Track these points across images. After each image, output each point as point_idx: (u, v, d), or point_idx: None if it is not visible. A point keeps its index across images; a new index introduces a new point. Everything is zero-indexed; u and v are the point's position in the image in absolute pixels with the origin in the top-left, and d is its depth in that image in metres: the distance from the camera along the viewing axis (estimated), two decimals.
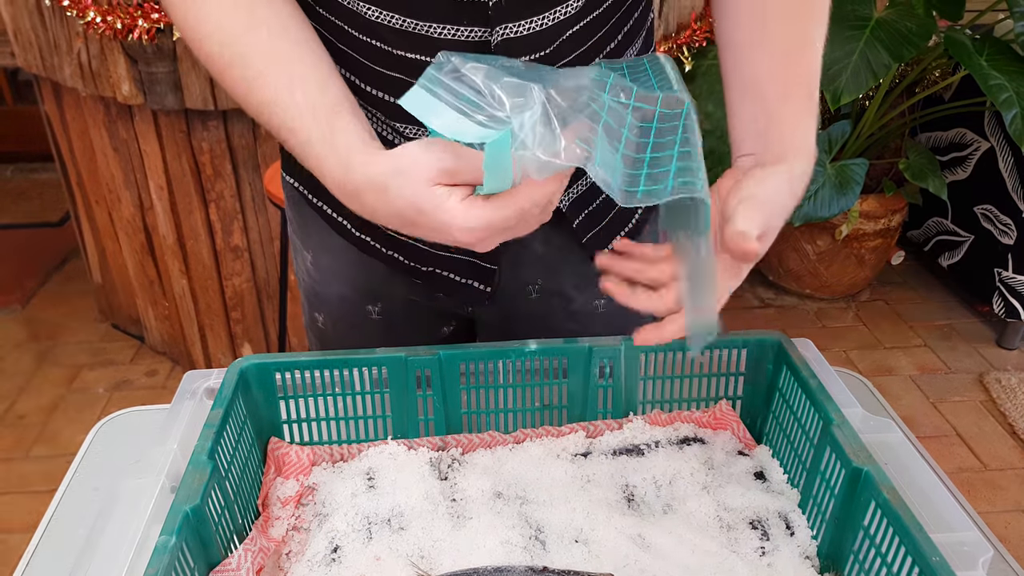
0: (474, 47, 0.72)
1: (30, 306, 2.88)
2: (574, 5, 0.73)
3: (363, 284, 0.94)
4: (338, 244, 0.91)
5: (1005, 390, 2.44)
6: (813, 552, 0.71)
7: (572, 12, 0.73)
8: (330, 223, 0.90)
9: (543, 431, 0.82)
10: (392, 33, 0.72)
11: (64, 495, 0.86)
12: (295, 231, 0.97)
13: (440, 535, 0.70)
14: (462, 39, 0.72)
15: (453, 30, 0.71)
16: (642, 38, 0.87)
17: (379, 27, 0.72)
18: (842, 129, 2.47)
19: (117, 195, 2.28)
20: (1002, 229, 2.57)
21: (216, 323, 2.37)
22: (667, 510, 0.74)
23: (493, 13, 0.70)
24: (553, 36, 0.74)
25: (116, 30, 1.83)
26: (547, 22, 0.73)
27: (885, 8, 2.26)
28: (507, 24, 0.71)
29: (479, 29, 0.71)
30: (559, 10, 0.72)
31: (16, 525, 2.03)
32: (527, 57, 0.74)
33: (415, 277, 0.90)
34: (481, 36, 0.72)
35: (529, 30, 0.72)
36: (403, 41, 0.72)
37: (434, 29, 0.71)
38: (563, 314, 0.94)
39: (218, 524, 0.66)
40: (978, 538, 0.63)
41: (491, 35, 0.72)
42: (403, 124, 0.79)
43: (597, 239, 0.89)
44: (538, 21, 0.72)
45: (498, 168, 0.58)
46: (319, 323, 1.00)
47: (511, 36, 0.72)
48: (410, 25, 0.71)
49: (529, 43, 0.73)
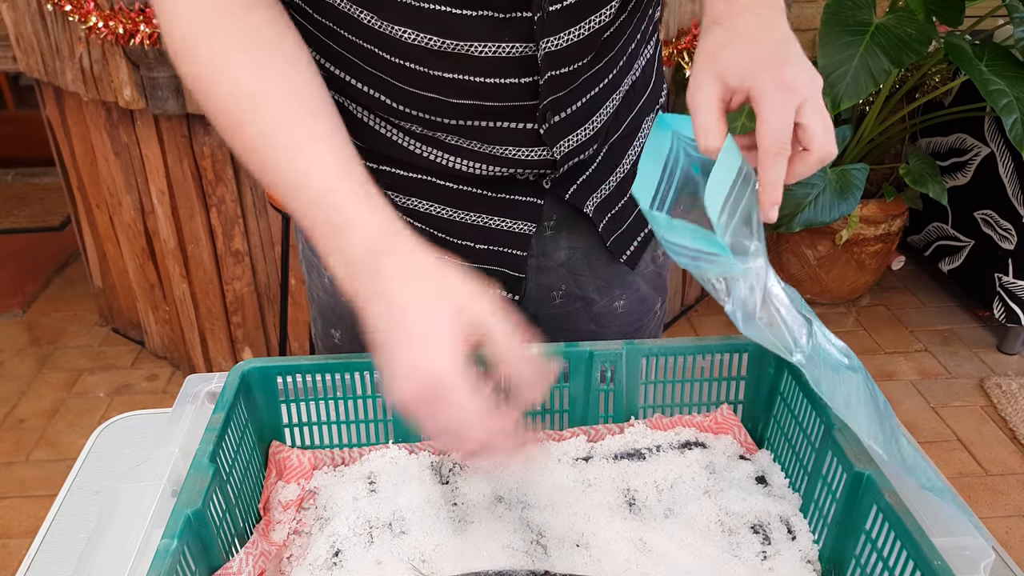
0: (518, 62, 0.72)
1: (31, 310, 2.88)
2: (608, 13, 0.73)
3: None
4: None
5: (1006, 395, 2.44)
6: (815, 556, 0.70)
7: (607, 19, 0.73)
8: None
9: (544, 435, 0.82)
10: (430, 55, 0.71)
11: (65, 499, 0.86)
12: (311, 248, 0.97)
13: (441, 539, 0.70)
14: (504, 55, 0.71)
15: (495, 47, 0.71)
16: (653, 40, 0.88)
17: (416, 49, 0.71)
18: (842, 134, 2.47)
19: (118, 199, 2.29)
20: (1002, 234, 2.57)
21: (217, 327, 2.37)
22: (668, 514, 0.74)
23: (537, 27, 0.70)
24: (591, 45, 0.74)
25: (118, 35, 1.84)
26: (584, 31, 0.72)
27: (885, 14, 2.26)
28: (550, 37, 0.71)
29: (522, 45, 0.71)
30: (594, 19, 0.72)
31: (16, 530, 2.03)
32: (568, 67, 0.74)
33: None
34: (524, 51, 0.71)
35: (569, 41, 0.72)
36: (442, 62, 0.72)
37: (475, 48, 0.70)
38: (584, 316, 0.94)
39: (219, 528, 0.66)
40: (980, 543, 0.62)
41: (536, 50, 0.71)
42: (443, 134, 0.79)
43: (620, 241, 0.90)
44: (576, 32, 0.72)
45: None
46: (335, 339, 0.98)
47: (553, 49, 0.72)
48: (450, 46, 0.70)
49: (569, 54, 0.73)
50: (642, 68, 0.87)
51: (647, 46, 0.87)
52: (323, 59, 0.78)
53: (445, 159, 0.80)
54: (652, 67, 0.90)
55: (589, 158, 0.85)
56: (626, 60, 0.83)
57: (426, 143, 0.80)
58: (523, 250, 0.87)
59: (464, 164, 0.81)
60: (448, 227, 0.86)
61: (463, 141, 0.79)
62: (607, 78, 0.81)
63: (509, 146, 0.79)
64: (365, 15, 0.70)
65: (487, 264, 0.87)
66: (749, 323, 0.63)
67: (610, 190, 0.87)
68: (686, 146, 0.67)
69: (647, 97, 0.90)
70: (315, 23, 0.75)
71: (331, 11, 0.72)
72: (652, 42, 0.88)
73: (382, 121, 0.80)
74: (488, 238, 0.86)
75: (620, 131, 0.87)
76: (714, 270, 0.63)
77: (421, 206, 0.85)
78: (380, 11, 0.69)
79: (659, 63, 0.92)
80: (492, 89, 0.74)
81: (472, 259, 0.87)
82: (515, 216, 0.85)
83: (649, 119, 0.91)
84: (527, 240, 0.86)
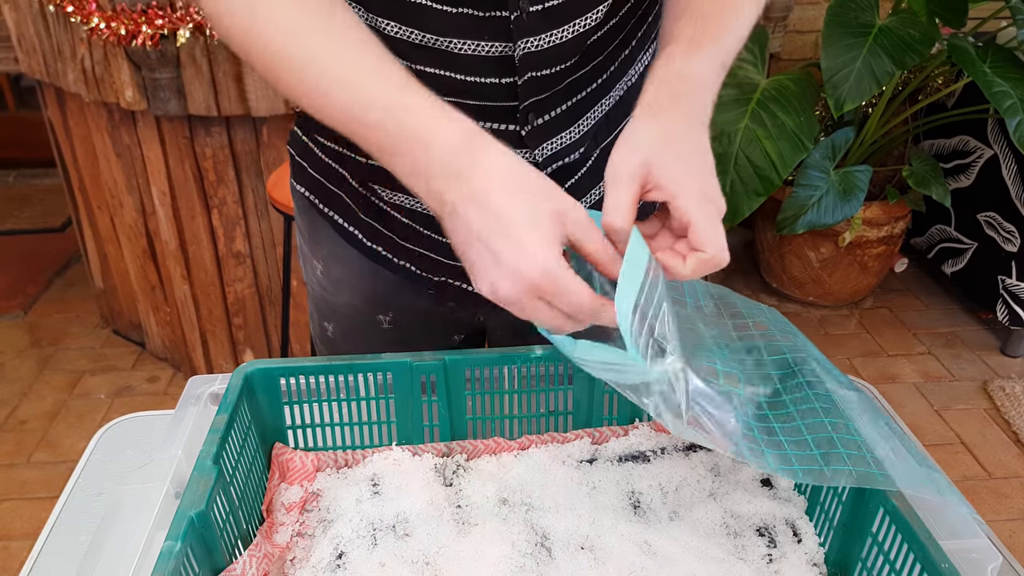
0: (497, 62, 0.72)
1: (32, 312, 2.88)
2: (594, 17, 0.72)
3: (374, 294, 0.93)
4: (349, 254, 0.91)
5: (1009, 398, 2.43)
6: (821, 559, 0.70)
7: (593, 24, 0.73)
8: (341, 233, 0.90)
9: (548, 437, 0.82)
10: (412, 48, 0.71)
11: (68, 500, 0.86)
12: (305, 241, 0.97)
13: (445, 541, 0.70)
14: (483, 54, 0.71)
15: (474, 45, 0.71)
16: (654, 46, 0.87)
17: (399, 42, 0.71)
18: (845, 136, 2.47)
19: (119, 200, 2.28)
20: (1005, 236, 2.56)
21: (218, 329, 2.37)
22: (673, 517, 0.73)
23: (515, 28, 0.70)
24: (575, 48, 0.74)
25: (120, 36, 1.84)
26: (568, 35, 0.72)
27: (888, 15, 2.26)
28: (529, 38, 0.71)
29: (501, 44, 0.71)
30: (579, 22, 0.72)
31: (16, 532, 2.02)
32: (550, 69, 0.74)
33: (427, 287, 0.90)
34: (503, 51, 0.71)
35: (550, 43, 0.72)
36: (424, 56, 0.72)
37: (455, 44, 0.70)
38: None
39: (223, 530, 0.65)
40: (986, 545, 0.62)
41: (513, 50, 0.71)
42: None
43: None
44: (558, 34, 0.72)
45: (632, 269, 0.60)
46: (328, 332, 0.99)
47: (532, 50, 0.72)
48: (431, 41, 0.70)
49: (551, 56, 0.73)
50: (639, 74, 0.86)
51: (645, 52, 0.86)
52: None
53: None
54: None
55: (577, 162, 0.84)
56: (618, 66, 0.82)
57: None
58: None
59: None
60: (432, 224, 0.85)
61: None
62: (595, 83, 0.80)
63: None
64: (354, 7, 0.70)
65: None
66: (677, 423, 0.62)
67: (600, 194, 0.87)
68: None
69: None
70: None
71: None
72: (651, 49, 0.88)
73: None
74: None
75: (612, 136, 0.87)
76: (629, 378, 0.62)
77: (407, 202, 0.85)
78: (364, 3, 0.69)
79: None
80: (473, 88, 0.74)
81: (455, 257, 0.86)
82: None
83: None
84: None
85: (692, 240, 0.62)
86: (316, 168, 0.90)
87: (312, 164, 0.90)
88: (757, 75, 2.35)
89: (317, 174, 0.90)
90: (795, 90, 2.29)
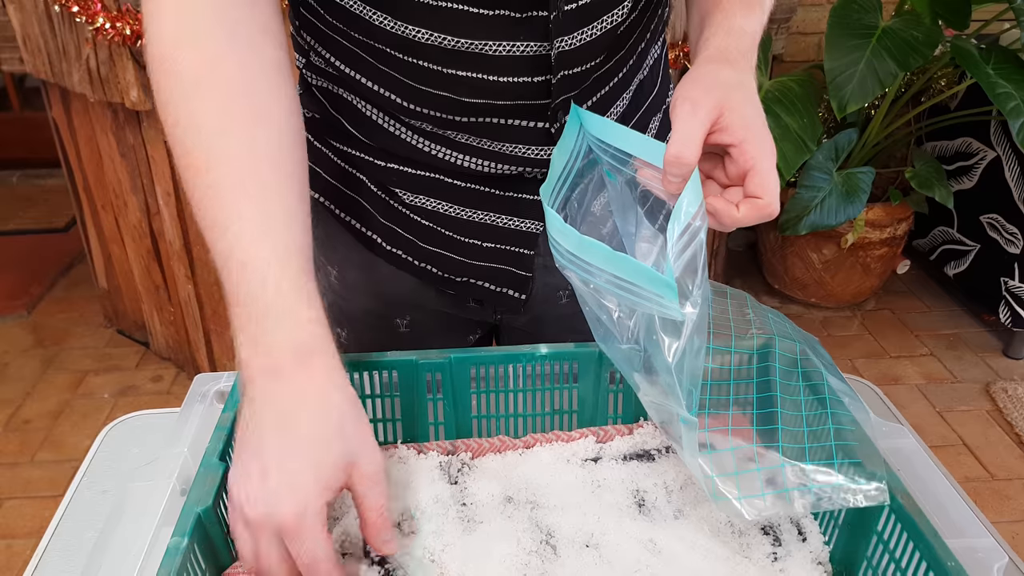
0: (531, 62, 0.72)
1: (36, 311, 2.88)
2: (620, 12, 0.73)
3: (392, 297, 0.93)
4: (366, 259, 0.90)
5: (1012, 400, 2.43)
6: (826, 558, 0.70)
7: (619, 19, 0.73)
8: (358, 238, 0.90)
9: (553, 436, 0.82)
10: (444, 53, 0.71)
11: (73, 497, 0.86)
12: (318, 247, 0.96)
13: (450, 539, 0.70)
14: (518, 54, 0.71)
15: (509, 46, 0.71)
16: (661, 39, 0.88)
17: (430, 49, 0.71)
18: (848, 137, 2.47)
19: (124, 200, 2.29)
20: (1008, 238, 2.56)
21: (222, 328, 2.38)
22: (678, 515, 0.73)
23: (553, 27, 0.70)
24: (603, 44, 0.74)
25: (125, 36, 1.84)
26: (598, 31, 0.73)
27: (891, 17, 2.26)
28: (564, 37, 0.71)
29: (536, 44, 0.71)
30: (607, 18, 0.72)
31: (21, 530, 2.03)
32: (581, 66, 0.74)
33: (448, 288, 0.90)
34: (538, 51, 0.71)
35: (583, 40, 0.72)
36: (456, 61, 0.71)
37: (490, 47, 0.70)
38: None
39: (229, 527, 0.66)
40: (992, 544, 0.62)
41: (549, 49, 0.71)
42: (454, 132, 0.79)
43: None
44: (589, 31, 0.72)
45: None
46: (341, 339, 0.98)
47: (567, 48, 0.72)
48: (464, 45, 0.70)
49: (582, 54, 0.73)
50: (650, 67, 0.87)
51: (655, 45, 0.87)
52: (333, 58, 0.78)
53: (454, 157, 0.80)
54: (659, 66, 0.90)
55: None
56: (636, 59, 0.83)
57: (436, 141, 0.80)
58: (530, 249, 0.87)
59: (473, 162, 0.81)
60: (455, 225, 0.85)
61: (473, 139, 0.79)
62: (617, 76, 0.81)
63: (519, 144, 0.79)
64: (378, 16, 0.69)
65: (494, 262, 0.87)
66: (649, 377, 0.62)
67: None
68: (594, 144, 0.65)
69: (654, 97, 0.89)
70: (326, 23, 0.75)
71: (342, 12, 0.72)
72: (660, 41, 0.88)
73: (392, 119, 0.80)
74: (495, 236, 0.86)
75: None
76: (641, 304, 0.61)
77: (429, 204, 0.85)
78: (395, 12, 0.69)
79: (665, 63, 0.92)
80: (505, 88, 0.74)
81: (479, 257, 0.87)
82: (523, 215, 0.85)
83: (656, 119, 0.91)
84: (534, 239, 0.86)
85: (751, 186, 0.62)
86: (330, 173, 0.89)
87: (326, 169, 0.89)
88: (760, 76, 2.35)
89: (332, 179, 0.89)
90: (798, 92, 2.29)
